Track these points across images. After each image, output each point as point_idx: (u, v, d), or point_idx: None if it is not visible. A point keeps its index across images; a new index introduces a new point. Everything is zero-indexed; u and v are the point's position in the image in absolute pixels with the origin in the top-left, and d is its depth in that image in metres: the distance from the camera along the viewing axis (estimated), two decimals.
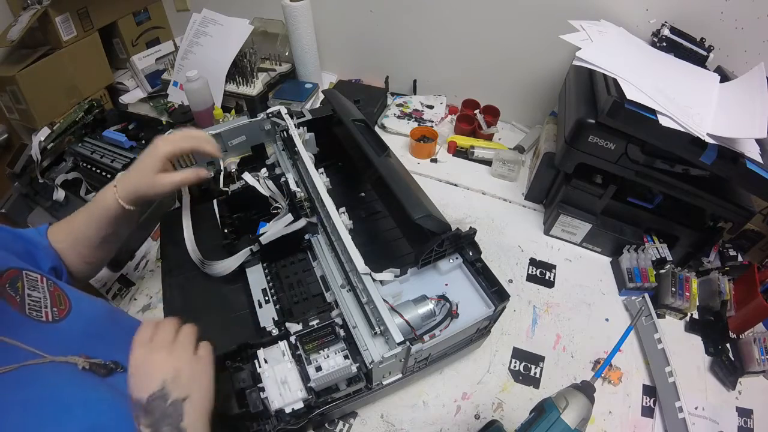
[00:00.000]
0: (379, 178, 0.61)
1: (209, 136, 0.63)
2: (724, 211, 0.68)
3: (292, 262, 0.67)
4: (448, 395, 0.64)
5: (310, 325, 0.55)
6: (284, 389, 0.49)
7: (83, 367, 0.41)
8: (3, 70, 0.99)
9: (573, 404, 0.43)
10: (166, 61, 1.20)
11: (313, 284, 0.65)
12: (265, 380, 0.50)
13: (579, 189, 0.77)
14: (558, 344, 0.71)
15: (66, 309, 0.46)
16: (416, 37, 1.09)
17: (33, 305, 0.43)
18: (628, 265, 0.76)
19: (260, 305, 0.60)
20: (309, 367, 0.51)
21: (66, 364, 0.41)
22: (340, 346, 0.54)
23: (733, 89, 0.67)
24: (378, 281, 0.53)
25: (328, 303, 0.61)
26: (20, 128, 1.12)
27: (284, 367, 0.51)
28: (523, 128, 1.12)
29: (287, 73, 1.18)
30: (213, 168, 0.71)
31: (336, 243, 0.60)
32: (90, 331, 0.47)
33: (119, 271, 0.82)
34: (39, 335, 0.41)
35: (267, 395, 0.49)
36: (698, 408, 0.64)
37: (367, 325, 0.53)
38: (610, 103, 0.62)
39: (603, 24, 0.81)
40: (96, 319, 0.49)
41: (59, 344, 0.42)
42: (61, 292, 0.47)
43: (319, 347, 0.53)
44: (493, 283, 0.56)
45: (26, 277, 0.45)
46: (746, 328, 0.71)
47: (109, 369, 0.44)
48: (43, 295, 0.45)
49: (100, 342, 0.47)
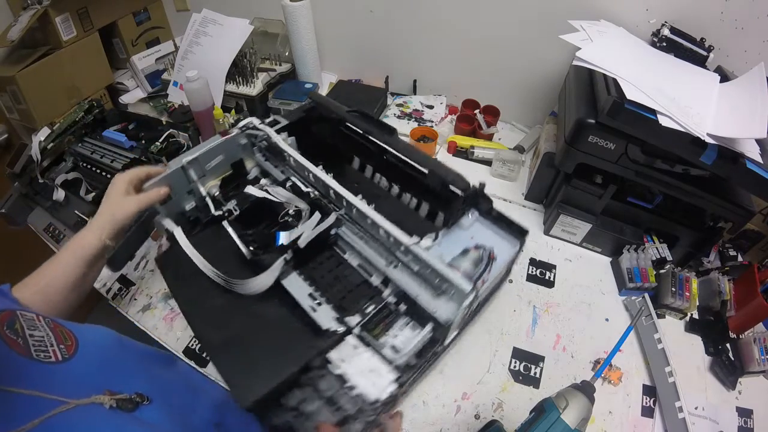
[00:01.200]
0: (393, 156, 0.66)
1: (157, 167, 0.65)
2: (724, 211, 0.68)
3: (320, 263, 0.66)
4: (448, 395, 0.64)
5: (367, 312, 0.58)
6: (375, 377, 0.51)
7: (110, 406, 0.38)
8: (3, 70, 0.99)
9: (573, 404, 0.43)
10: (166, 61, 1.20)
11: (351, 276, 0.65)
12: (352, 377, 0.51)
13: (579, 189, 0.77)
14: (558, 344, 0.71)
15: (73, 344, 0.42)
16: (416, 37, 1.09)
17: (38, 346, 0.39)
18: (628, 265, 0.76)
19: (314, 309, 0.59)
20: (384, 349, 0.54)
21: (92, 405, 0.37)
22: (404, 321, 0.58)
23: (733, 89, 0.67)
24: (424, 248, 0.56)
25: (375, 287, 0.63)
26: (20, 128, 1.13)
27: (363, 357, 0.53)
28: (523, 128, 1.12)
29: (287, 73, 1.18)
30: (194, 197, 0.70)
31: (368, 228, 0.61)
32: (103, 363, 0.43)
33: (119, 271, 0.82)
34: (54, 379, 0.37)
35: (359, 391, 0.50)
36: (698, 408, 0.64)
37: (426, 290, 0.56)
38: (610, 103, 0.62)
39: (603, 24, 0.81)
40: (105, 348, 0.46)
41: (77, 384, 0.38)
42: (62, 327, 0.43)
43: (384, 330, 0.57)
44: (510, 224, 0.63)
45: (23, 317, 0.40)
46: (746, 328, 0.71)
47: (135, 403, 0.41)
48: (45, 333, 0.40)
49: (117, 373, 0.44)
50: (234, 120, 1.01)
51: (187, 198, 0.70)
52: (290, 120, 0.75)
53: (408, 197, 0.69)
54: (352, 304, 0.60)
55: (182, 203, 0.70)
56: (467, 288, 0.51)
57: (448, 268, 0.53)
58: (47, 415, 0.34)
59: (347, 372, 0.52)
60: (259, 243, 0.64)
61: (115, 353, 0.47)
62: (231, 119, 1.00)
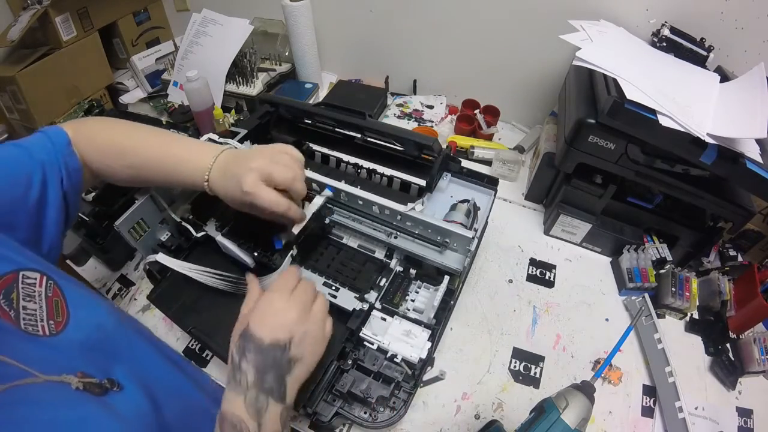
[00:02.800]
0: (367, 137, 0.71)
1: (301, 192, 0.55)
2: (724, 211, 0.68)
3: (321, 254, 0.68)
4: (448, 395, 0.64)
5: (381, 286, 0.63)
6: (411, 339, 0.56)
7: (77, 387, 0.38)
8: (3, 70, 0.99)
9: (573, 404, 0.43)
10: (166, 61, 1.20)
11: (355, 257, 0.68)
12: (391, 346, 0.56)
13: (579, 189, 0.77)
14: (558, 344, 0.71)
15: (63, 321, 0.42)
16: (416, 37, 1.09)
17: (28, 319, 0.40)
18: (628, 265, 0.76)
19: (334, 296, 0.61)
20: (409, 313, 0.61)
21: (60, 383, 0.38)
22: (416, 285, 0.65)
23: (733, 89, 0.67)
24: (418, 212, 0.61)
25: (381, 261, 0.67)
26: (20, 128, 1.12)
27: (395, 325, 0.58)
28: (523, 128, 1.12)
29: (287, 73, 1.18)
30: (167, 226, 0.69)
31: (360, 208, 0.65)
32: (88, 343, 0.43)
33: (119, 270, 0.82)
34: (34, 351, 0.38)
35: (402, 356, 0.55)
36: (698, 408, 0.64)
37: (431, 249, 0.62)
38: (610, 103, 0.62)
39: (603, 24, 0.81)
40: (96, 329, 0.45)
41: (55, 360, 0.39)
42: (60, 298, 0.43)
43: (402, 296, 0.64)
44: (482, 178, 0.70)
45: (23, 282, 0.41)
46: (746, 328, 0.71)
47: (104, 388, 0.41)
48: (40, 305, 0.41)
49: (100, 354, 0.43)
50: (234, 120, 1.01)
51: (160, 229, 0.69)
52: (248, 128, 0.75)
53: (378, 177, 0.71)
54: (365, 283, 0.64)
55: (157, 234, 0.69)
56: (469, 234, 0.57)
57: (447, 223, 0.59)
58: (15, 383, 0.35)
59: (384, 343, 0.56)
60: (261, 247, 0.64)
61: (105, 337, 0.45)
62: (231, 119, 1.00)
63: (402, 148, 0.69)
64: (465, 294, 0.76)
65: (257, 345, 0.44)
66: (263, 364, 0.43)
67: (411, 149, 0.67)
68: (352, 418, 0.55)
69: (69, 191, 0.52)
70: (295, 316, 0.47)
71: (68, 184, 0.52)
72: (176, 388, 0.51)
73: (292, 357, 0.45)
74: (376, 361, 0.56)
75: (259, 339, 0.44)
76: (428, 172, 0.66)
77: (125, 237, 0.63)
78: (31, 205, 0.48)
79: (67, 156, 0.52)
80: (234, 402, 0.43)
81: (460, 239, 0.59)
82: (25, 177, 0.48)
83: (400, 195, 0.69)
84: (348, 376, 0.55)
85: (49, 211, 0.50)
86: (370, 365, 0.56)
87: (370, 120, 0.65)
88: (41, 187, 0.48)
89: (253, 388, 0.43)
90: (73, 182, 0.52)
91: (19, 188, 0.47)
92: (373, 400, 0.54)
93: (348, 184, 0.65)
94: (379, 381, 0.56)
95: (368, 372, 0.56)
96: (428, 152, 0.67)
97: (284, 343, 0.45)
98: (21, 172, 0.48)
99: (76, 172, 0.53)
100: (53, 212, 0.50)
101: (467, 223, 0.63)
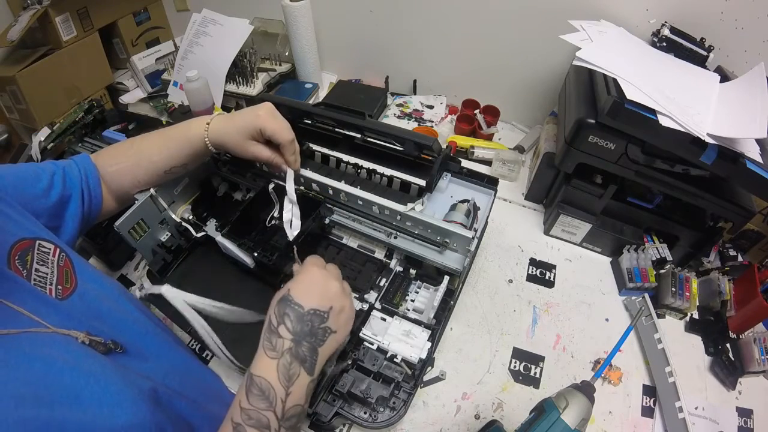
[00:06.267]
0: (367, 137, 0.70)
1: (294, 142, 0.60)
2: (724, 211, 0.68)
3: (321, 254, 0.67)
4: (448, 395, 0.64)
5: (381, 286, 0.64)
6: (411, 339, 0.56)
7: (83, 342, 0.40)
8: (3, 70, 0.99)
9: (573, 404, 0.43)
10: (166, 61, 1.20)
11: (355, 257, 0.68)
12: (391, 346, 0.56)
13: (579, 189, 0.77)
14: (558, 344, 0.71)
15: (71, 288, 0.45)
16: (416, 37, 1.08)
17: (39, 280, 0.42)
18: (628, 265, 0.76)
19: None
20: (409, 313, 0.61)
21: (67, 336, 0.40)
22: (416, 285, 0.66)
23: (733, 89, 0.67)
24: (418, 212, 0.61)
25: (381, 261, 0.68)
26: (20, 128, 1.12)
27: (395, 325, 0.58)
28: (523, 128, 1.12)
29: (287, 73, 1.18)
30: (167, 227, 0.69)
31: (360, 208, 0.65)
32: (91, 312, 0.45)
33: (119, 270, 0.82)
34: (42, 307, 0.40)
35: (402, 356, 0.55)
36: (698, 408, 0.64)
37: (431, 249, 0.63)
38: (610, 103, 0.62)
39: (603, 24, 0.81)
40: (101, 300, 0.47)
41: (61, 321, 0.41)
42: (70, 269, 0.46)
43: (402, 297, 0.64)
44: (482, 178, 0.70)
45: (38, 249, 0.44)
46: (746, 328, 0.71)
47: (108, 348, 0.43)
48: (51, 270, 0.44)
49: (103, 323, 0.45)
50: None
51: (160, 229, 0.69)
52: None
53: (378, 177, 0.70)
54: (365, 283, 0.64)
55: (156, 235, 0.69)
56: (469, 234, 0.57)
57: (447, 223, 0.59)
58: (27, 329, 0.37)
59: (384, 343, 0.57)
60: (261, 248, 0.64)
61: (109, 309, 0.48)
62: None
63: (402, 148, 0.68)
64: (465, 294, 0.76)
65: (297, 311, 0.44)
66: (301, 330, 0.44)
67: (411, 149, 0.67)
68: (352, 418, 0.55)
69: (86, 192, 0.58)
70: (338, 289, 0.48)
71: (86, 186, 0.58)
72: (180, 365, 0.53)
73: (327, 327, 0.45)
74: (376, 362, 0.56)
75: (299, 305, 0.44)
76: (428, 172, 0.66)
77: (125, 237, 0.63)
78: (54, 199, 0.54)
79: (87, 163, 0.59)
80: (266, 366, 0.42)
81: (460, 239, 0.59)
82: (48, 175, 0.54)
83: (400, 195, 0.69)
84: (348, 376, 0.55)
85: (71, 205, 0.56)
86: (370, 365, 0.56)
87: (370, 120, 0.65)
88: (62, 183, 0.55)
89: (287, 353, 0.42)
90: (91, 185, 0.59)
91: (41, 183, 0.53)
92: (373, 401, 0.54)
93: (348, 184, 0.65)
94: (379, 381, 0.56)
95: (368, 372, 0.56)
96: (428, 152, 0.66)
97: (323, 312, 0.45)
98: (46, 171, 0.55)
99: (95, 177, 0.59)
100: (74, 206, 0.56)
101: (467, 223, 0.62)
